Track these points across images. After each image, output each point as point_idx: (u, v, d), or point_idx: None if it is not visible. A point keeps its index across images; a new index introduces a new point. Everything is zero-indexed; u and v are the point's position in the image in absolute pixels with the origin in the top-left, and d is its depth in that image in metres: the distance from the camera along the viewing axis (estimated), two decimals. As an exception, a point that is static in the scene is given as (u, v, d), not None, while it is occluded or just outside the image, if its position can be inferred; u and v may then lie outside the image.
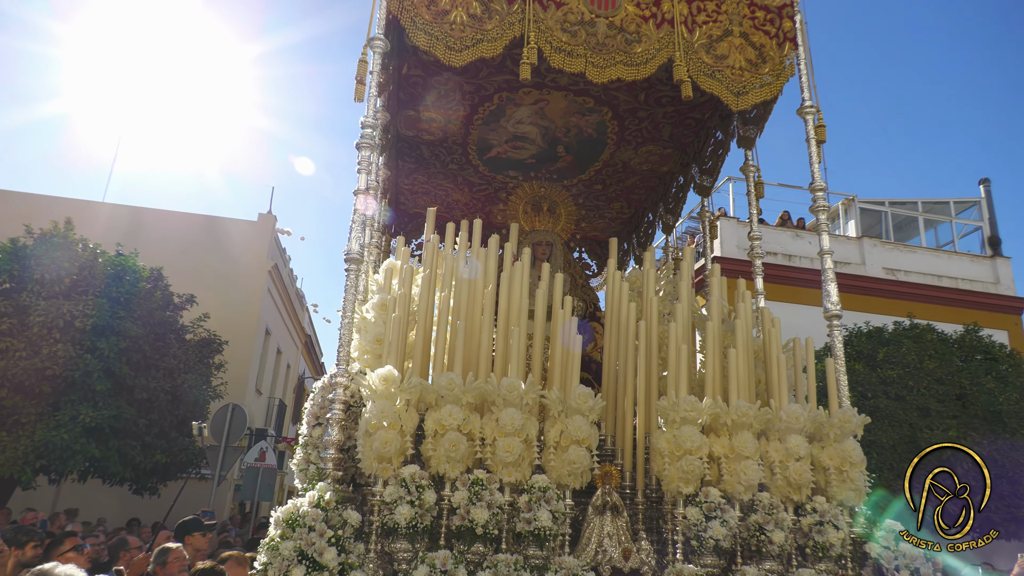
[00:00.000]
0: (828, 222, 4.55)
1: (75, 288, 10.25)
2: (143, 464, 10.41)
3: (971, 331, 11.71)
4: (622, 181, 7.12)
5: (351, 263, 4.00)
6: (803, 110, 4.73)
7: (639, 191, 7.31)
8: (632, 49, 4.59)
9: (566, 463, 3.66)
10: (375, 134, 4.31)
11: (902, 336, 11.33)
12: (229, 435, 10.61)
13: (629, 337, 4.52)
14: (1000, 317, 15.51)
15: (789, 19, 4.84)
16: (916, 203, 17.71)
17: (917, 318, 12.05)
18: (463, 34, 4.44)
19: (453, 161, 6.93)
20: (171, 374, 11.02)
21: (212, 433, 10.80)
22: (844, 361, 4.28)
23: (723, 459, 3.81)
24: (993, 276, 16.38)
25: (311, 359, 28.21)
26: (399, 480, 3.48)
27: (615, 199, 7.50)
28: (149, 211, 17.77)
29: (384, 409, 3.53)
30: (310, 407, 4.13)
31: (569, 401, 3.77)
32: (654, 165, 6.80)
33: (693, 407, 3.78)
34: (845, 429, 3.89)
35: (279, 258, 20.00)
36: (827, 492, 3.86)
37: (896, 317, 12.36)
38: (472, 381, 3.67)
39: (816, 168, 4.61)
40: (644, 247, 7.55)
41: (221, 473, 10.59)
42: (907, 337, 11.29)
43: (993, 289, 16.19)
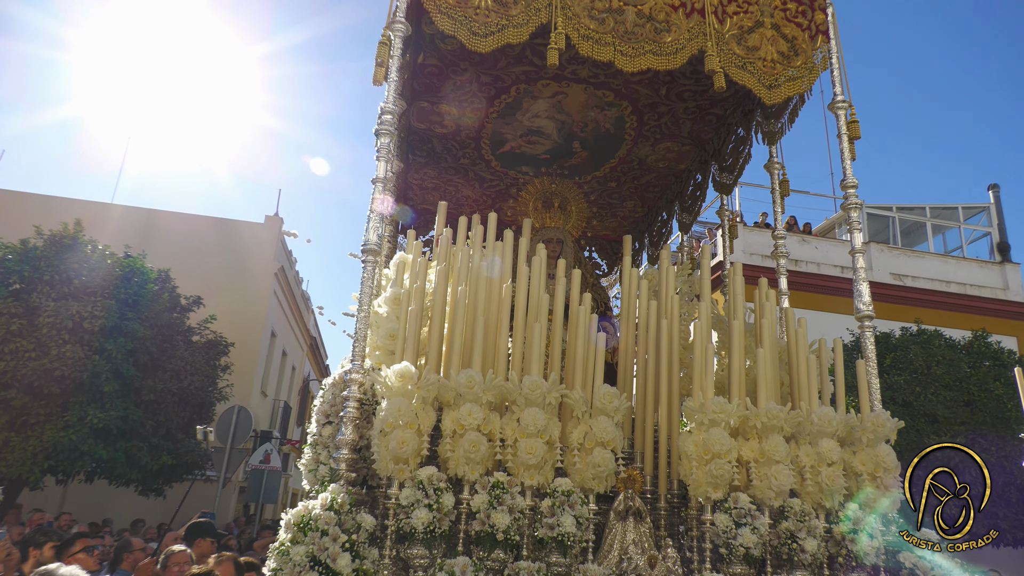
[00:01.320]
0: (859, 221, 4.39)
1: (84, 289, 10.33)
2: (149, 465, 10.52)
3: (979, 337, 11.56)
4: (637, 179, 6.97)
5: (368, 254, 3.84)
6: (835, 104, 4.58)
7: (654, 189, 7.16)
8: (662, 38, 4.43)
9: (591, 466, 3.50)
10: (394, 120, 4.14)
11: (909, 342, 11.20)
12: (235, 437, 10.62)
13: (649, 336, 4.37)
14: (1009, 323, 15.38)
15: (821, 11, 4.69)
16: (924, 208, 17.66)
17: (925, 324, 11.91)
18: (488, 19, 4.29)
19: (465, 156, 6.78)
20: (178, 376, 11.12)
21: (218, 435, 10.83)
22: (876, 363, 4.12)
23: (752, 463, 3.65)
24: (1002, 282, 16.26)
25: (316, 362, 28.18)
26: (416, 482, 3.31)
27: (629, 197, 7.35)
28: (158, 212, 17.89)
29: (401, 407, 3.36)
30: (320, 404, 3.97)
31: (594, 401, 3.61)
32: (671, 162, 6.65)
33: (722, 409, 3.62)
34: (879, 433, 3.74)
35: (285, 260, 20.06)
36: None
37: (904, 323, 12.23)
38: (492, 379, 3.51)
39: (848, 164, 4.45)
40: (657, 246, 7.41)
41: (226, 475, 10.61)
42: (915, 343, 11.16)
43: (1002, 295, 16.07)
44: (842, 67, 4.63)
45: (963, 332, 12.05)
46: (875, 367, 4.10)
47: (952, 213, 17.69)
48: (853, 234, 4.35)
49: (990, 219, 17.32)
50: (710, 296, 4.48)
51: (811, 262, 14.79)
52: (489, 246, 4.40)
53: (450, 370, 3.68)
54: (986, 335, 11.64)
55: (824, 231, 17.77)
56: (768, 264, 12.21)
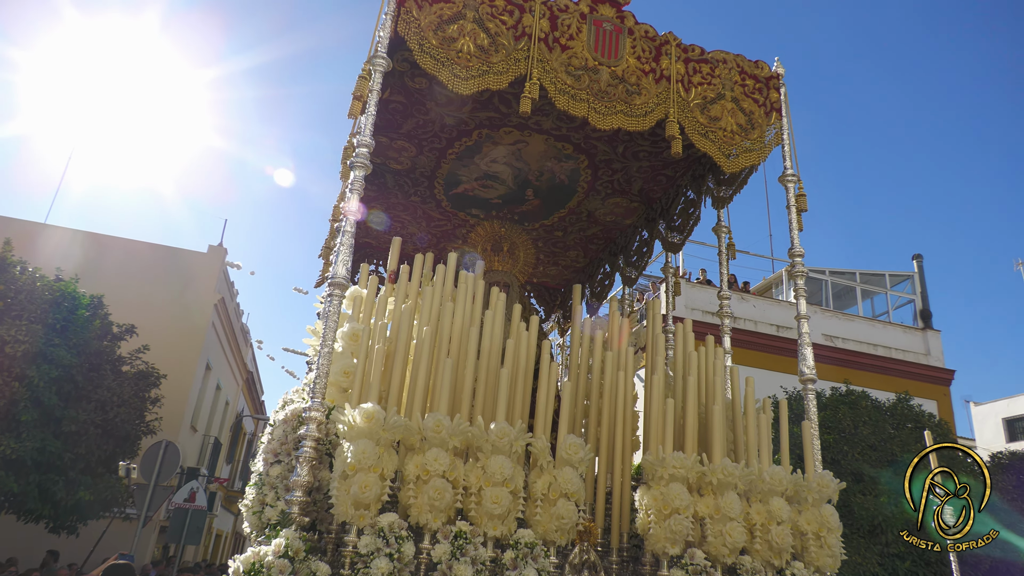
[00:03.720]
0: (804, 288, 4.65)
1: (9, 311, 9.78)
2: (65, 501, 9.82)
3: (903, 400, 12.04)
4: (584, 230, 7.13)
5: (335, 287, 3.71)
6: (785, 178, 4.88)
7: (598, 241, 7.34)
8: (632, 100, 4.62)
9: (554, 518, 3.46)
10: (368, 154, 4.08)
11: (839, 402, 11.51)
12: (160, 473, 10.13)
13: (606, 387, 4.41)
14: (930, 387, 16.08)
15: (775, 90, 5.03)
16: (855, 274, 18.45)
17: (853, 384, 12.33)
18: (469, 64, 4.34)
19: (417, 193, 6.74)
20: (103, 407, 10.54)
21: (142, 471, 10.30)
22: (818, 424, 4.32)
23: (708, 519, 3.71)
24: (924, 347, 17.04)
25: (251, 397, 27.05)
26: (377, 530, 3.17)
27: (572, 247, 7.49)
28: (98, 236, 17.13)
29: (366, 450, 3.23)
30: (268, 442, 3.75)
31: (560, 452, 3.59)
32: (619, 217, 6.85)
33: (682, 464, 3.68)
34: (823, 493, 3.90)
35: (227, 291, 19.42)
36: (804, 558, 3.83)
37: (833, 383, 12.51)
38: (460, 423, 3.43)
39: (796, 234, 4.73)
40: (599, 297, 7.56)
41: (148, 513, 10.07)
42: (843, 403, 11.48)
43: (924, 360, 16.84)
44: (792, 143, 4.96)
45: (887, 394, 12.55)
46: (817, 428, 4.30)
47: (880, 280, 18.61)
48: (799, 300, 4.60)
49: (914, 287, 18.27)
50: (664, 350, 4.59)
51: (748, 319, 15.24)
52: (448, 286, 4.36)
53: (413, 412, 3.58)
54: (909, 398, 12.17)
55: (762, 290, 18.41)
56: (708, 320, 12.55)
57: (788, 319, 15.74)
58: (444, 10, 4.51)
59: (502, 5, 4.63)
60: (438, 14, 4.49)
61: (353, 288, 4.78)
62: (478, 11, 4.56)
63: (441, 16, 4.49)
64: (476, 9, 4.56)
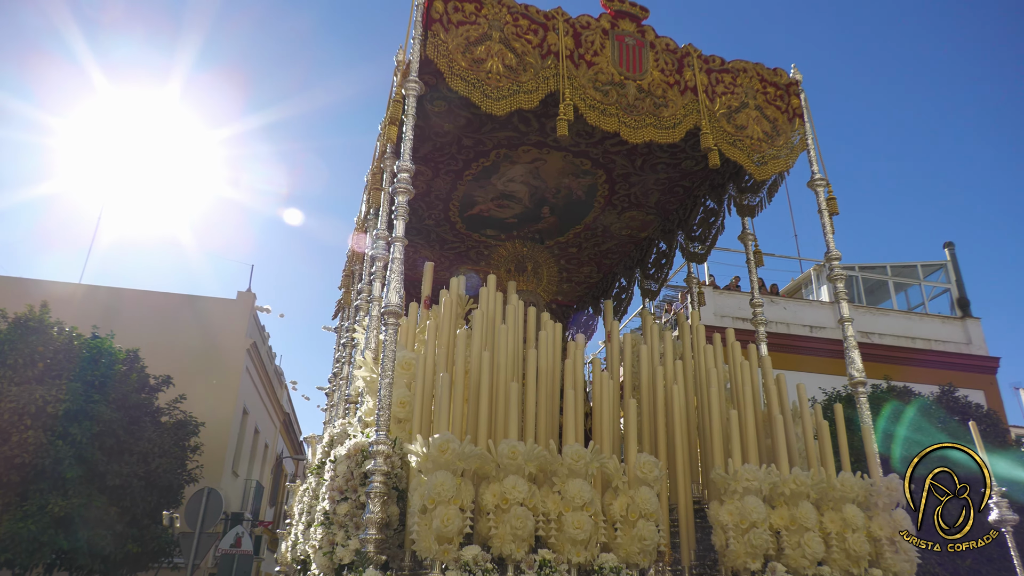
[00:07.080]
0: (845, 291, 4.65)
1: (49, 372, 10.08)
2: (114, 555, 9.92)
3: (947, 392, 11.72)
4: (598, 245, 7.11)
5: (390, 316, 3.61)
6: (814, 183, 4.90)
7: (612, 256, 7.32)
8: (660, 113, 4.62)
9: (636, 539, 3.36)
10: (410, 179, 4.00)
11: (880, 399, 11.10)
12: (204, 521, 10.11)
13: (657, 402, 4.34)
14: (975, 376, 15.45)
15: (796, 96, 5.07)
16: (885, 267, 17.98)
17: (894, 380, 12.03)
18: (500, 84, 4.30)
19: (431, 216, 6.66)
20: (145, 458, 10.68)
21: (186, 519, 10.30)
22: (872, 427, 4.30)
23: (783, 531, 3.65)
24: (965, 336, 16.51)
25: (290, 438, 26.77)
26: (461, 564, 3.05)
27: (586, 263, 7.46)
28: (127, 291, 17.23)
29: (445, 482, 3.11)
30: (331, 480, 3.60)
31: (634, 471, 3.50)
32: (634, 231, 6.84)
33: (754, 476, 3.62)
34: (893, 497, 3.86)
35: (258, 336, 19.40)
36: (881, 564, 3.78)
37: (874, 380, 12.32)
38: (535, 448, 3.33)
39: (830, 238, 4.75)
40: (617, 312, 7.51)
41: (195, 562, 10.07)
42: (885, 400, 11.12)
43: (966, 349, 16.26)
44: (817, 147, 4.99)
45: (931, 387, 12.18)
46: (872, 432, 4.27)
47: (912, 271, 18.07)
48: (840, 303, 4.60)
49: (948, 276, 17.71)
50: (722, 361, 4.54)
51: (780, 322, 14.89)
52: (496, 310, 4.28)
53: (479, 439, 3.47)
54: (953, 389, 11.84)
55: (792, 291, 18.01)
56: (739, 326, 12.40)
57: (821, 319, 15.43)
58: (470, 32, 4.47)
59: (526, 24, 4.62)
60: (465, 36, 4.45)
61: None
62: (503, 31, 4.54)
63: (468, 38, 4.46)
64: (501, 29, 4.54)
